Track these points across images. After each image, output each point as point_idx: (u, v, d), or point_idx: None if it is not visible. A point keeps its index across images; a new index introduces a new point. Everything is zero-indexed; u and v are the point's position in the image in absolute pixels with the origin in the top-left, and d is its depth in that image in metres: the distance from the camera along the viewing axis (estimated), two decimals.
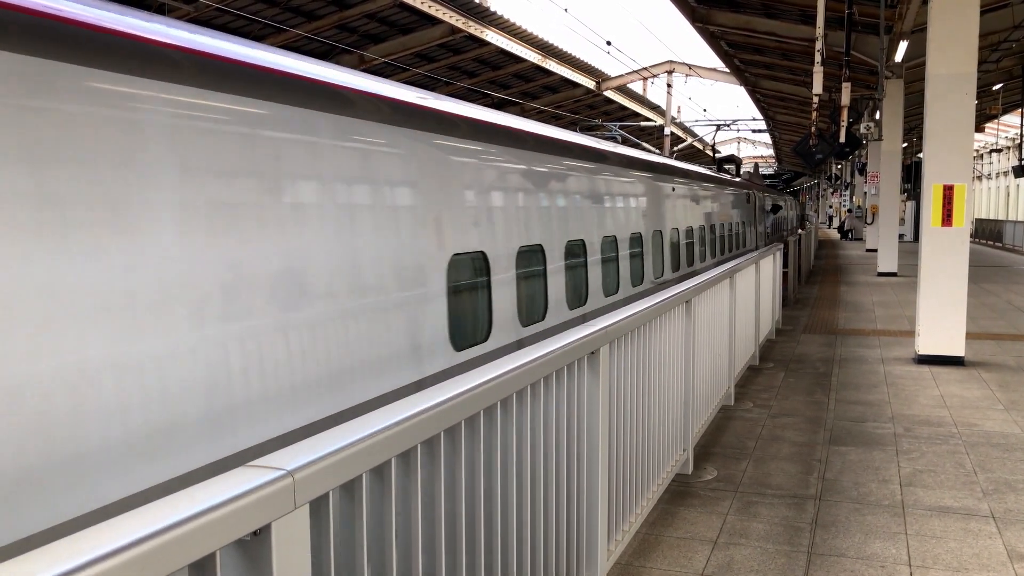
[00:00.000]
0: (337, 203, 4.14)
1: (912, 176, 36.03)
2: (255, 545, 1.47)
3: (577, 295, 7.88)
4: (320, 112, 4.09)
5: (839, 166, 44.36)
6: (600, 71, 33.08)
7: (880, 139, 19.47)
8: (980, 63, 10.39)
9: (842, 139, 15.52)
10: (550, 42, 27.17)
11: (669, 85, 37.03)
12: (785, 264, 13.23)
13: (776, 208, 29.21)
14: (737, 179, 20.93)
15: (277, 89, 3.82)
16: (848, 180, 42.05)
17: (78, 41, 2.88)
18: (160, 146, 3.10)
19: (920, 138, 16.30)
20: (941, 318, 9.11)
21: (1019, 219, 39.89)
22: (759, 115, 41.00)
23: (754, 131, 46.85)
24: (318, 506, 1.70)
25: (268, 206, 3.64)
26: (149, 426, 2.99)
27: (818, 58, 13.22)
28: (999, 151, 49.53)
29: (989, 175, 55.15)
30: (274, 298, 3.65)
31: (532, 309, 6.78)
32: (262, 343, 3.55)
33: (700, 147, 49.98)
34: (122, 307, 2.92)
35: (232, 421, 3.38)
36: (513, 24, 24.62)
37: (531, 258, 6.78)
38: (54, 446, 2.65)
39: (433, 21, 21.90)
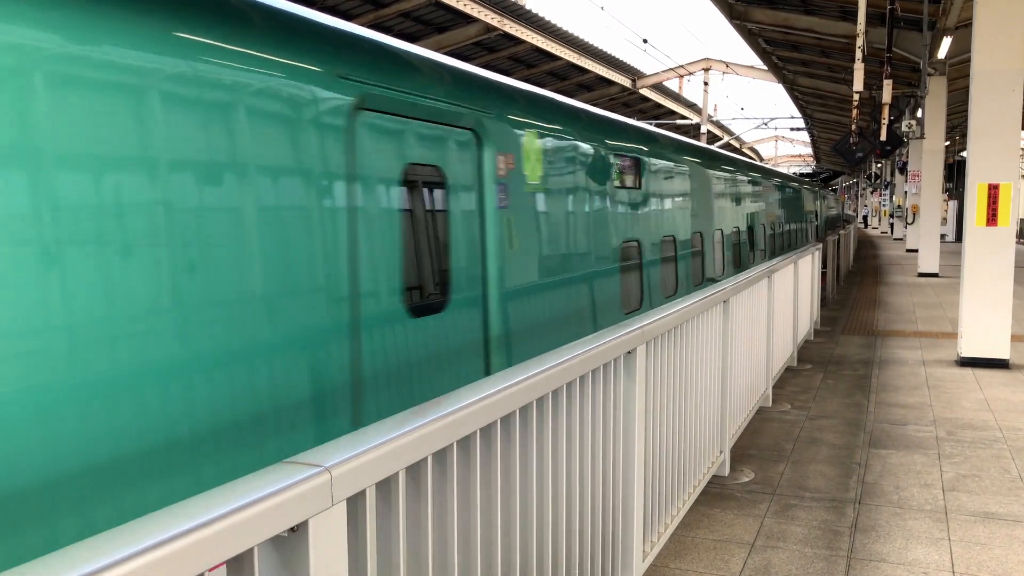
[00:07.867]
0: None
1: (954, 175, 35.31)
2: (292, 541, 1.47)
3: None
4: None
5: (879, 165, 43.63)
6: (636, 69, 32.87)
7: (922, 137, 19.08)
8: None
9: (883, 137, 15.26)
10: (586, 40, 27.05)
11: (706, 83, 36.72)
12: (824, 264, 13.04)
13: None
14: None
15: None
16: (888, 179, 41.35)
17: None
18: None
19: (963, 136, 15.97)
20: (985, 320, 8.92)
21: None
22: (797, 113, 40.49)
23: (792, 129, 46.32)
24: (355, 503, 1.69)
25: None
26: None
27: (859, 55, 12.99)
28: None
29: None
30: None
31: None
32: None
33: (737, 145, 49.51)
34: None
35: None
36: (549, 22, 24.55)
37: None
38: None
39: (468, 19, 21.90)
